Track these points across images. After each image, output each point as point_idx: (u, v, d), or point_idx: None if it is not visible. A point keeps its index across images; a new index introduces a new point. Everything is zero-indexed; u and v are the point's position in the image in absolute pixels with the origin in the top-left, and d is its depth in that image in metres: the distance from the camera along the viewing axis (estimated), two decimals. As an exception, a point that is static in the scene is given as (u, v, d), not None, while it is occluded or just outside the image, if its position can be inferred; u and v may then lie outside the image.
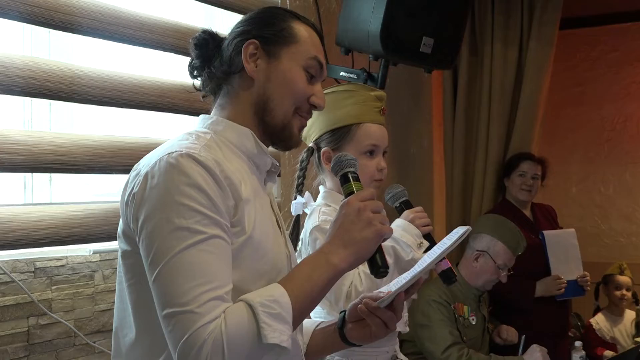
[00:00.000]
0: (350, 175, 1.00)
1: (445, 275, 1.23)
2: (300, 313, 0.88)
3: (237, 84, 0.97)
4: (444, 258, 1.23)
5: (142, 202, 0.85)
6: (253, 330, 0.81)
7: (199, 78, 1.02)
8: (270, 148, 1.01)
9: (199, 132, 0.95)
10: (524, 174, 2.67)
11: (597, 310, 2.97)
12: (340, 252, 0.89)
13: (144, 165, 0.89)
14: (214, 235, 0.83)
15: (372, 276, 1.23)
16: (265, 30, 0.97)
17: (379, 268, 0.92)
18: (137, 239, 0.86)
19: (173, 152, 0.86)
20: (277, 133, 0.98)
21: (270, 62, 0.96)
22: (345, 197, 0.97)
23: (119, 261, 0.93)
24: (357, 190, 0.97)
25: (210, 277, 0.81)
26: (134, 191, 0.86)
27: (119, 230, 0.92)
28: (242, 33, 0.97)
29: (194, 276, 0.81)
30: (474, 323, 2.24)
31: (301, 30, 0.98)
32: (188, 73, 1.02)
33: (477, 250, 2.27)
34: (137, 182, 0.87)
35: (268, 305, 0.83)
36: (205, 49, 0.99)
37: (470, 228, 1.01)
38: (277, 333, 0.82)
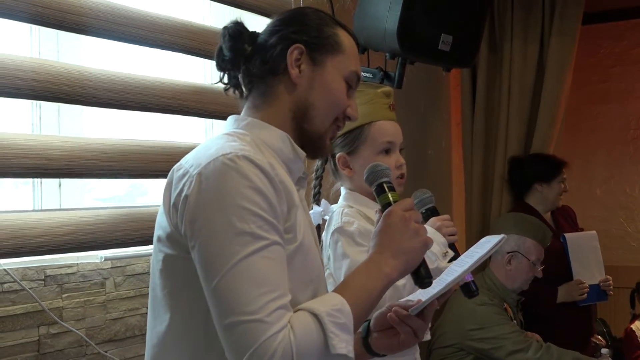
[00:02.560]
0: (386, 186, 0.99)
1: (467, 288, 1.18)
2: (358, 323, 0.87)
3: (277, 85, 0.95)
4: None
5: (198, 204, 0.81)
6: (321, 340, 0.80)
7: (224, 71, 0.98)
8: None
9: (237, 133, 0.92)
10: (564, 180, 2.61)
11: (634, 318, 2.86)
12: (391, 262, 0.90)
13: (191, 165, 0.85)
14: (275, 242, 0.82)
15: (396, 287, 1.19)
16: (311, 35, 0.94)
17: (423, 278, 0.93)
18: (189, 243, 0.82)
19: (228, 154, 0.83)
20: (312, 141, 0.96)
21: (314, 70, 0.94)
22: (383, 207, 0.97)
23: (156, 266, 0.89)
24: (394, 201, 0.97)
25: (275, 285, 0.80)
26: (185, 192, 0.83)
27: (161, 233, 0.88)
28: (287, 35, 0.94)
29: (260, 284, 0.79)
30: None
31: (345, 40, 0.97)
32: (215, 63, 0.98)
33: (508, 253, 2.23)
34: (189, 183, 0.83)
35: (334, 315, 0.82)
36: (238, 42, 0.95)
37: (506, 236, 0.99)
38: (345, 343, 0.81)
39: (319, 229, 1.39)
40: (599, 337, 2.72)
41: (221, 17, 1.91)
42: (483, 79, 2.90)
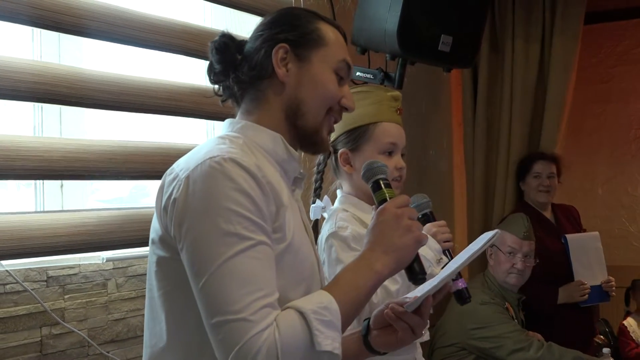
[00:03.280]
0: (382, 182, 0.99)
1: (459, 294, 1.17)
2: (347, 320, 0.88)
3: (267, 88, 0.96)
4: (461, 277, 1.19)
5: (185, 206, 0.83)
6: (306, 337, 0.81)
7: (219, 83, 1.00)
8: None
9: (230, 136, 0.93)
10: (539, 175, 2.61)
11: (627, 315, 2.87)
12: (382, 259, 0.90)
13: (181, 169, 0.87)
14: (261, 242, 0.83)
15: (387, 288, 1.20)
16: (293, 33, 0.95)
17: (417, 274, 0.93)
18: (178, 245, 0.84)
19: (215, 157, 0.84)
20: (308, 137, 0.97)
21: (301, 66, 0.95)
22: (378, 204, 0.97)
23: (152, 268, 0.91)
24: (390, 197, 0.97)
25: (261, 284, 0.81)
26: (174, 196, 0.85)
27: (154, 236, 0.90)
28: (270, 37, 0.95)
29: (245, 283, 0.80)
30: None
31: (329, 32, 0.98)
32: (208, 78, 1.00)
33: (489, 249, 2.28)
34: (177, 186, 0.85)
35: (320, 313, 0.82)
36: (226, 54, 0.97)
37: (499, 231, 0.99)
38: (330, 340, 0.82)
39: (317, 223, 1.39)
40: (602, 337, 2.72)
41: (221, 19, 1.92)
42: (484, 78, 2.90)
